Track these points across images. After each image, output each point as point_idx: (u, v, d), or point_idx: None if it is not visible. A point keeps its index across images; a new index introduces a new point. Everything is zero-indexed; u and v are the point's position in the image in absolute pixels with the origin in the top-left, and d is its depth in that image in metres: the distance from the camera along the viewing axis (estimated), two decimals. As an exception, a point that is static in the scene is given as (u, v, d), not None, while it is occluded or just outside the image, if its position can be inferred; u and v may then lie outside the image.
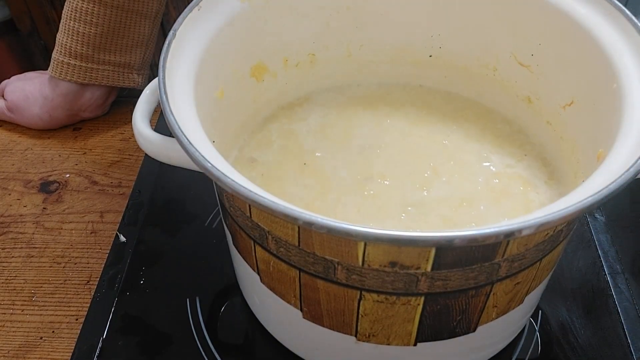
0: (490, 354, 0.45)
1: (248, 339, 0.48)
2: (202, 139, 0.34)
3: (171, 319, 0.49)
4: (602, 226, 0.55)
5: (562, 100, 0.46)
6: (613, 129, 0.36)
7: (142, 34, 0.65)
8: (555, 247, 0.36)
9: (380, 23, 0.52)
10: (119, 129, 0.68)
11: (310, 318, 0.39)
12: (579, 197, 0.30)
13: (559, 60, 0.45)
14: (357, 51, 0.54)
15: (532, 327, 0.48)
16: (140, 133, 0.40)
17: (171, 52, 0.38)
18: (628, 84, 0.37)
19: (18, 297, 0.52)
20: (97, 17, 0.61)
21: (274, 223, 0.34)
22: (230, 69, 0.46)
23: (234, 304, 0.50)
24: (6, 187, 0.62)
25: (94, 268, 0.54)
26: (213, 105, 0.44)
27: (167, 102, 0.35)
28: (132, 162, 0.64)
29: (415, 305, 0.35)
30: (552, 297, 0.49)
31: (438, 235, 0.28)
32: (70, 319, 0.50)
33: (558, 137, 0.47)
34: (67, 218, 0.59)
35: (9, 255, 0.55)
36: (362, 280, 0.34)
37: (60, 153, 0.66)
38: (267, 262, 0.38)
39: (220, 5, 0.43)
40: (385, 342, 0.38)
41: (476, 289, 0.35)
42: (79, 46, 0.62)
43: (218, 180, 0.31)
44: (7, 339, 0.49)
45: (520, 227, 0.28)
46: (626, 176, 0.30)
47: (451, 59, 0.53)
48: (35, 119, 0.67)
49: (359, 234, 0.28)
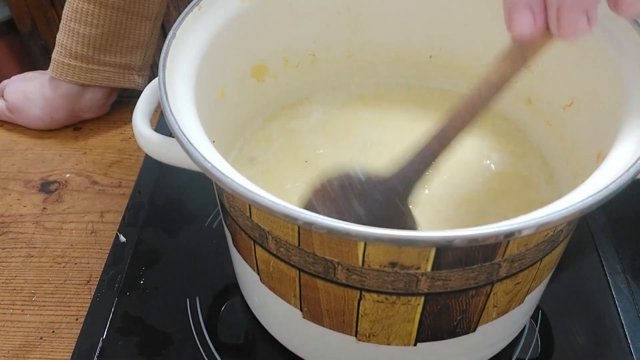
0: (490, 354, 0.45)
1: (248, 339, 0.48)
2: (202, 139, 0.34)
3: (171, 319, 0.49)
4: (602, 226, 0.55)
5: (562, 101, 0.46)
6: (613, 129, 0.36)
7: (143, 36, 0.65)
8: (555, 247, 0.36)
9: (380, 23, 0.52)
10: (119, 129, 0.68)
11: (310, 318, 0.39)
12: (579, 197, 0.30)
13: (559, 61, 0.45)
14: (357, 51, 0.54)
15: (532, 327, 0.48)
16: (140, 133, 0.40)
17: (171, 52, 0.38)
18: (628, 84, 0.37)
19: (18, 297, 0.52)
20: (97, 19, 0.61)
21: (274, 223, 0.34)
22: (230, 69, 0.46)
23: (234, 304, 0.50)
24: (6, 187, 0.62)
25: (94, 268, 0.54)
26: (213, 105, 0.44)
27: (167, 102, 0.35)
28: (132, 162, 0.64)
29: (415, 305, 0.35)
30: (553, 297, 0.49)
31: (438, 236, 0.28)
32: (70, 319, 0.50)
33: (558, 137, 0.47)
34: (67, 218, 0.59)
35: (9, 255, 0.55)
36: (362, 280, 0.34)
37: (61, 153, 0.66)
38: (267, 262, 0.38)
39: (220, 5, 0.43)
40: (385, 342, 0.38)
41: (476, 289, 0.35)
42: (79, 47, 0.62)
43: (218, 180, 0.31)
44: (7, 339, 0.49)
45: (520, 227, 0.28)
46: (626, 176, 0.30)
47: (451, 59, 0.53)
48: (35, 119, 0.67)
49: (359, 234, 0.28)
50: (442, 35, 0.52)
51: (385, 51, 0.54)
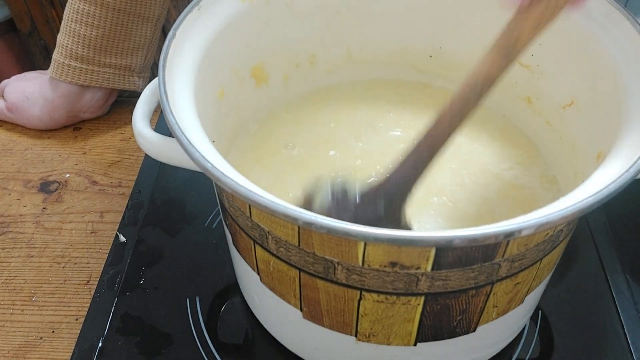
0: (490, 354, 0.45)
1: (248, 339, 0.48)
2: (202, 139, 0.34)
3: (171, 319, 0.49)
4: (602, 226, 0.55)
5: (562, 101, 0.46)
6: (613, 129, 0.36)
7: (144, 37, 0.65)
8: (555, 247, 0.36)
9: (380, 23, 0.52)
10: (119, 129, 0.68)
11: (310, 318, 0.39)
12: (579, 197, 0.30)
13: (559, 60, 0.45)
14: (357, 51, 0.54)
15: (532, 327, 0.48)
16: (140, 133, 0.40)
17: (171, 52, 0.38)
18: (628, 84, 0.37)
19: (18, 297, 0.52)
20: (98, 20, 0.61)
21: (274, 223, 0.34)
22: (230, 69, 0.46)
23: (234, 304, 0.50)
24: (6, 187, 0.62)
25: (94, 268, 0.54)
26: (213, 105, 0.44)
27: (167, 102, 0.35)
28: (132, 162, 0.64)
29: (415, 305, 0.35)
30: (552, 297, 0.49)
31: (438, 236, 0.28)
32: (70, 319, 0.50)
33: (558, 137, 0.47)
34: (67, 218, 0.59)
35: (9, 255, 0.55)
36: (362, 280, 0.34)
37: (60, 153, 0.66)
38: (267, 262, 0.38)
39: (220, 5, 0.43)
40: (385, 342, 0.38)
41: (476, 288, 0.35)
42: (79, 48, 0.62)
43: (218, 180, 0.31)
44: (7, 339, 0.49)
45: (520, 227, 0.28)
46: (626, 176, 0.30)
47: (451, 59, 0.53)
48: (35, 119, 0.67)
49: (359, 234, 0.28)
50: (442, 35, 0.52)
51: (386, 51, 0.54)
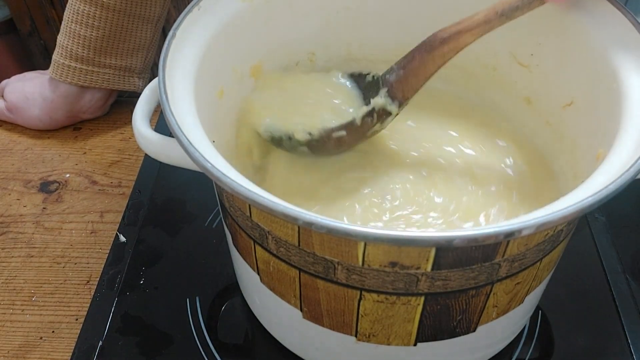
0: (490, 354, 0.45)
1: (248, 339, 0.48)
2: (202, 139, 0.34)
3: (171, 319, 0.49)
4: (602, 226, 0.55)
5: (562, 100, 0.46)
6: (613, 129, 0.36)
7: (144, 38, 0.65)
8: (555, 247, 0.36)
9: (380, 23, 0.52)
10: (119, 129, 0.68)
11: (310, 318, 0.39)
12: (579, 197, 0.30)
13: (559, 60, 0.45)
14: (357, 51, 0.54)
15: (532, 327, 0.48)
16: (140, 133, 0.40)
17: (171, 52, 0.38)
18: (628, 84, 0.37)
19: (18, 297, 0.52)
20: (98, 21, 0.61)
21: (274, 223, 0.34)
22: (230, 69, 0.46)
23: (234, 304, 0.50)
24: (6, 187, 0.62)
25: (94, 268, 0.54)
26: (213, 105, 0.44)
27: (167, 102, 0.35)
28: (132, 162, 0.64)
29: (415, 305, 0.35)
30: (552, 297, 0.49)
31: (438, 235, 0.28)
32: (70, 319, 0.50)
33: (558, 137, 0.47)
34: (67, 218, 0.59)
35: (9, 255, 0.55)
36: (362, 280, 0.34)
37: (60, 153, 0.66)
38: (267, 262, 0.38)
39: (220, 5, 0.43)
40: (385, 342, 0.38)
41: (476, 289, 0.35)
42: (80, 49, 0.62)
43: (218, 180, 0.31)
44: (7, 339, 0.49)
45: (520, 227, 0.28)
46: (626, 176, 0.30)
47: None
48: (34, 119, 0.67)
49: (359, 234, 0.28)
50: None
51: (385, 51, 0.54)
